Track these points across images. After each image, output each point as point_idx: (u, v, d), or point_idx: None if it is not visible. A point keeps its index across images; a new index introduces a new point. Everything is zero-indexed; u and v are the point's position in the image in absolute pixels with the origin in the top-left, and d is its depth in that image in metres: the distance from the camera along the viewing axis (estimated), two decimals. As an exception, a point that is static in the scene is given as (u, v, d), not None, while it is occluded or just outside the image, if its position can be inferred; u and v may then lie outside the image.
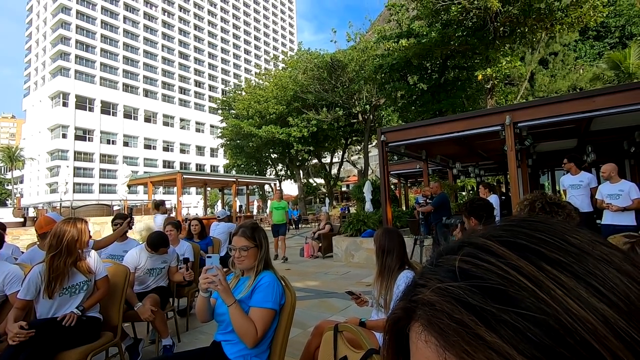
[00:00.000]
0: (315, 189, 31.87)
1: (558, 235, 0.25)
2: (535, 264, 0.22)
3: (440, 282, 0.24)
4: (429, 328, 0.24)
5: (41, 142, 51.84)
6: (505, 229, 0.26)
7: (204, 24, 70.74)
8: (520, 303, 0.21)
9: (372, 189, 10.53)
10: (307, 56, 20.82)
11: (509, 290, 0.22)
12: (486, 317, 0.21)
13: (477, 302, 0.22)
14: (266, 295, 1.65)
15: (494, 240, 0.25)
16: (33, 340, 1.95)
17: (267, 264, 1.80)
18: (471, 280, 0.23)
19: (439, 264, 0.26)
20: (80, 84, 51.98)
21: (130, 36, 59.11)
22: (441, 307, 0.23)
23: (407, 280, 1.90)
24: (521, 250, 0.24)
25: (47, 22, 54.30)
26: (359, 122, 21.18)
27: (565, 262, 0.23)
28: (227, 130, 26.93)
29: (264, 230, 1.92)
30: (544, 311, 0.20)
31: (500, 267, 0.23)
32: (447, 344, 0.22)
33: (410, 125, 7.10)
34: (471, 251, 0.25)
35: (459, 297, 0.22)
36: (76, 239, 2.32)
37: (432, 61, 13.63)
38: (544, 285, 0.21)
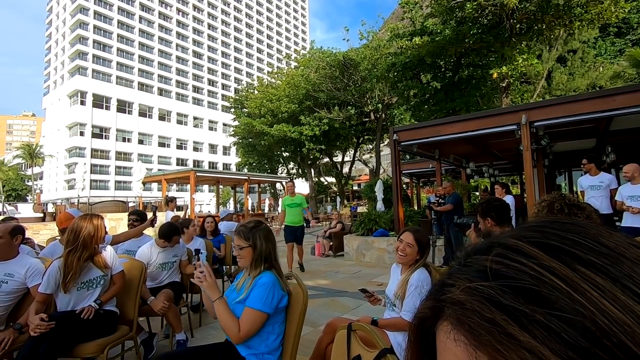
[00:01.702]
0: (327, 188, 31.87)
1: (591, 237, 0.24)
2: (569, 266, 0.22)
3: (470, 281, 0.24)
4: (458, 327, 0.24)
5: (60, 139, 53.26)
6: (536, 230, 0.26)
7: (218, 23, 71.38)
8: (554, 304, 0.21)
9: (384, 189, 10.46)
10: (319, 55, 20.81)
11: (543, 291, 0.21)
12: (519, 317, 0.21)
13: (509, 302, 0.22)
14: (256, 296, 1.63)
15: (524, 241, 0.25)
16: (53, 332, 2.02)
17: (271, 265, 1.76)
18: (502, 280, 0.23)
19: (467, 264, 0.26)
20: (98, 82, 53.15)
21: (145, 36, 60.10)
22: (471, 306, 0.23)
23: (420, 280, 1.89)
24: (554, 252, 0.23)
25: (66, 23, 55.64)
26: (371, 121, 21.07)
27: (600, 264, 0.22)
28: (240, 129, 27.15)
29: (270, 229, 1.88)
30: (579, 312, 0.20)
31: (533, 268, 0.23)
32: (478, 343, 0.22)
33: (423, 125, 7.03)
34: (502, 252, 0.25)
35: (490, 296, 0.22)
36: (92, 234, 2.39)
37: (446, 59, 13.45)
38: (578, 286, 0.21)
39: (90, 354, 2.19)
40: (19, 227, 2.64)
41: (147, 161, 53.44)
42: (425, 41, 11.32)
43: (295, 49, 60.60)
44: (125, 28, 57.74)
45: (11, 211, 14.77)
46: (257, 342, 1.66)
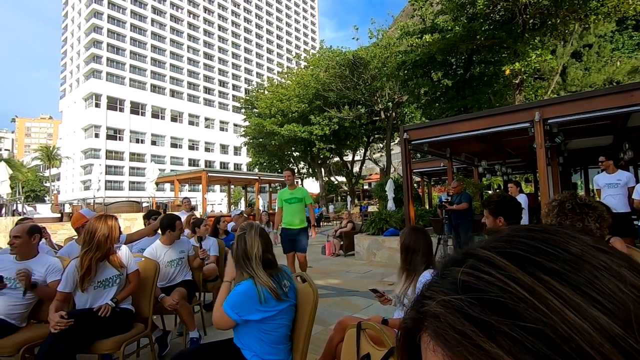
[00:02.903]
0: (337, 187, 31.85)
1: (557, 244, 0.25)
2: (534, 275, 0.23)
3: (445, 294, 0.25)
4: (435, 339, 0.25)
5: (76, 141, 54.54)
6: (505, 240, 0.27)
7: (228, 25, 71.97)
8: (519, 314, 0.22)
9: (395, 187, 10.41)
10: (328, 54, 20.81)
11: (508, 303, 0.22)
12: (486, 328, 0.22)
13: (477, 314, 0.23)
14: (229, 300, 1.68)
15: (494, 252, 0.26)
16: (72, 329, 2.09)
17: (250, 272, 1.72)
18: (472, 293, 0.24)
19: (444, 276, 0.27)
20: (111, 85, 54.21)
21: (157, 38, 61.01)
22: (445, 319, 0.24)
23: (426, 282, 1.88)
24: (520, 261, 0.24)
25: (81, 27, 56.89)
26: (381, 120, 20.97)
27: (563, 272, 0.23)
28: (250, 129, 27.34)
29: (248, 235, 1.82)
30: (542, 321, 0.21)
31: (500, 279, 0.24)
32: (452, 354, 0.23)
33: (434, 123, 6.97)
34: (473, 263, 0.26)
35: (461, 309, 0.23)
36: (107, 235, 2.46)
37: (457, 56, 13.29)
38: (541, 296, 0.22)
39: (107, 351, 2.25)
40: (36, 226, 2.73)
41: (160, 162, 54.29)
42: (436, 38, 11.21)
43: (305, 48, 60.74)
44: (137, 31, 58.72)
45: (30, 212, 15.19)
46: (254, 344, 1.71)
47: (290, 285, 1.83)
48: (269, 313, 1.68)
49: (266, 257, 1.80)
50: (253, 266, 1.73)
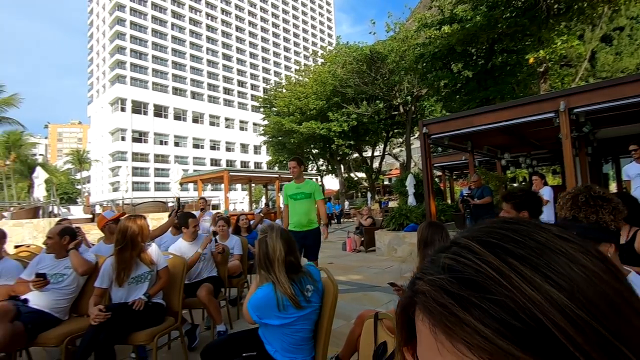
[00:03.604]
0: (357, 183, 31.75)
1: (525, 234, 0.30)
2: (502, 259, 0.28)
3: (431, 275, 0.30)
4: (423, 311, 0.30)
5: (104, 145, 56.81)
6: (483, 230, 0.32)
7: (245, 25, 72.75)
8: (487, 290, 0.27)
9: (415, 183, 10.31)
10: (345, 50, 20.71)
11: (480, 281, 0.28)
12: (461, 301, 0.27)
13: (454, 290, 0.28)
14: (252, 301, 1.73)
15: (472, 240, 0.31)
16: (110, 321, 2.24)
17: (269, 276, 1.74)
18: (452, 274, 0.29)
19: (433, 261, 0.32)
20: (136, 89, 56.02)
21: (177, 42, 62.48)
22: (430, 294, 0.29)
23: None
24: (493, 248, 0.29)
25: (106, 35, 59.00)
26: (401, 114, 20.71)
27: (526, 256, 0.28)
28: (269, 128, 27.64)
29: (270, 239, 1.80)
30: (505, 294, 0.26)
31: (475, 262, 0.29)
32: (435, 322, 0.29)
33: (454, 116, 6.85)
34: (455, 249, 0.31)
35: (443, 286, 0.29)
36: (137, 233, 2.62)
37: (478, 47, 12.93)
38: (506, 275, 0.27)
39: (141, 342, 2.40)
40: (67, 228, 2.91)
41: (183, 162, 55.75)
42: (455, 29, 10.95)
43: (322, 45, 60.64)
44: (158, 36, 60.33)
45: (64, 213, 16.01)
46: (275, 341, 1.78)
47: (314, 289, 1.81)
48: (287, 320, 1.69)
49: (289, 261, 1.76)
50: (275, 271, 1.71)
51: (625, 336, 0.26)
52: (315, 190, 4.04)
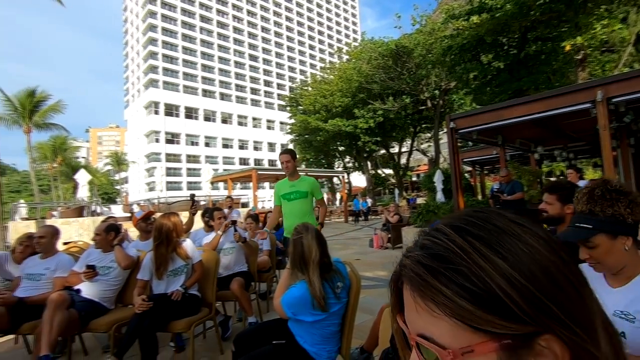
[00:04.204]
0: (384, 180, 31.43)
1: (485, 219, 0.37)
2: (464, 238, 0.35)
3: (412, 252, 0.38)
4: (405, 280, 0.38)
5: (140, 147, 59.65)
6: (455, 216, 0.39)
7: (270, 25, 73.64)
8: (451, 262, 0.34)
9: (444, 178, 10.11)
10: (370, 46, 20.53)
11: (446, 255, 0.35)
12: (431, 270, 0.35)
13: (427, 262, 0.35)
14: (286, 298, 1.80)
15: (445, 225, 0.38)
16: (152, 310, 2.44)
17: (303, 273, 1.79)
18: (427, 250, 0.37)
19: (415, 242, 0.40)
20: (168, 93, 58.31)
21: (206, 45, 64.31)
22: (409, 266, 0.37)
23: None
24: (459, 230, 0.36)
25: (139, 41, 61.74)
26: (428, 109, 20.29)
27: (483, 236, 0.35)
28: (296, 126, 27.92)
29: (305, 239, 1.84)
30: (464, 265, 0.34)
31: (444, 241, 0.36)
32: (413, 287, 0.36)
33: (482, 110, 6.67)
34: (431, 232, 0.39)
35: (418, 260, 0.36)
36: (172, 229, 2.81)
37: (509, 36, 12.42)
38: (466, 251, 0.34)
39: (180, 330, 2.59)
40: (112, 225, 3.16)
41: (213, 162, 57.45)
42: (485, 19, 10.59)
43: (347, 41, 60.29)
44: (188, 40, 62.35)
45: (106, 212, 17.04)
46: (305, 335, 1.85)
47: (342, 285, 1.86)
48: (320, 317, 1.77)
49: (323, 262, 1.81)
50: (309, 272, 1.76)
51: (558, 300, 0.33)
52: (313, 189, 3.47)
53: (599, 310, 0.37)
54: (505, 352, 0.33)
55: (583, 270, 0.37)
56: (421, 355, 0.36)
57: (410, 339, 0.38)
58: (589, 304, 0.35)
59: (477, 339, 0.33)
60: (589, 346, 0.33)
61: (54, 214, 13.92)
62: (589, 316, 0.35)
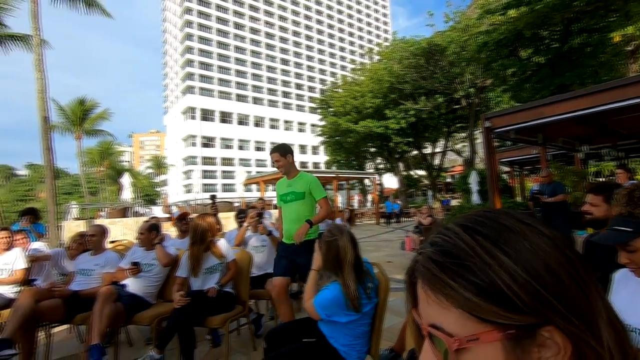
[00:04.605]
0: (417, 181, 30.78)
1: (493, 219, 0.40)
2: (472, 236, 0.38)
3: (424, 249, 0.41)
4: (418, 274, 0.41)
5: (178, 150, 62.49)
6: (465, 216, 0.42)
7: (301, 29, 74.57)
8: (459, 257, 0.37)
9: (479, 179, 9.75)
10: (401, 45, 20.23)
11: (454, 251, 0.38)
12: (440, 265, 0.38)
13: (436, 258, 0.38)
14: (319, 299, 1.81)
15: (456, 224, 0.41)
16: (190, 306, 2.58)
17: (337, 275, 1.80)
18: (437, 247, 0.39)
19: (428, 240, 0.43)
20: (203, 99, 60.69)
21: (239, 51, 66.29)
22: (421, 262, 0.40)
23: None
24: (467, 229, 0.39)
25: (177, 50, 64.79)
26: (463, 108, 19.66)
27: (489, 234, 0.38)
28: (326, 128, 28.04)
29: (341, 241, 1.84)
30: (470, 261, 0.36)
31: (453, 239, 0.39)
32: (424, 281, 0.39)
33: (520, 108, 6.37)
34: (443, 231, 0.41)
35: (429, 256, 0.39)
36: (207, 229, 2.95)
37: (551, 29, 11.77)
38: (473, 247, 0.37)
39: (215, 325, 2.70)
40: (154, 225, 3.36)
41: (247, 165, 58.98)
42: (523, 12, 10.12)
43: (378, 41, 59.81)
44: (222, 47, 64.56)
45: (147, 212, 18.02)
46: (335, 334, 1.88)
47: (373, 285, 1.88)
48: (354, 317, 1.78)
49: (357, 263, 1.83)
50: (344, 273, 1.77)
51: (559, 294, 0.35)
52: (311, 187, 2.97)
53: (605, 307, 0.37)
54: (510, 342, 0.35)
55: (621, 275, 0.38)
56: (433, 344, 0.38)
57: (422, 329, 0.40)
58: (592, 300, 0.36)
59: (482, 328, 0.35)
60: (590, 339, 0.35)
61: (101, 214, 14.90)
62: (592, 311, 0.36)
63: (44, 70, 10.36)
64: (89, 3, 12.32)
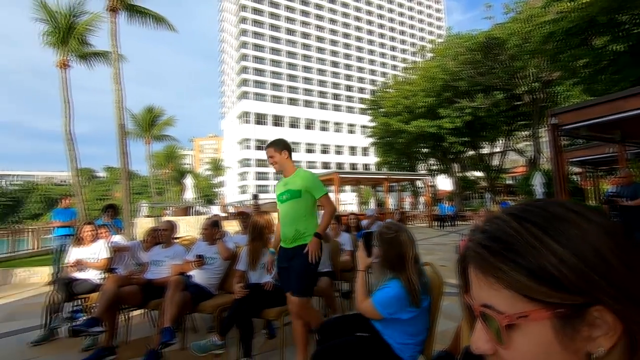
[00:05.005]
0: (473, 183, 29.18)
1: (542, 207, 0.42)
2: (519, 223, 0.40)
3: (474, 235, 0.44)
4: (469, 259, 0.44)
5: (234, 153, 65.95)
6: (515, 207, 0.44)
7: (351, 30, 74.62)
8: (507, 243, 0.39)
9: (545, 181, 9.03)
10: (456, 41, 19.39)
11: (503, 237, 0.40)
12: (490, 249, 0.40)
13: (486, 243, 0.41)
14: (380, 297, 1.80)
15: (506, 213, 0.43)
16: (249, 297, 2.76)
17: (399, 272, 1.80)
18: (487, 234, 0.42)
19: (478, 228, 0.46)
20: (257, 103, 63.38)
21: (290, 56, 68.17)
22: (472, 248, 0.43)
23: None
24: (515, 217, 0.41)
25: (233, 57, 68.42)
26: (525, 104, 18.30)
27: (537, 221, 0.40)
28: (377, 129, 27.73)
29: (400, 236, 1.85)
30: (519, 245, 0.38)
31: (502, 226, 0.41)
32: (475, 265, 0.42)
33: (593, 102, 5.80)
34: (493, 219, 0.44)
35: (479, 241, 0.42)
36: (264, 226, 3.12)
37: (631, 12, 10.53)
38: (521, 233, 0.39)
39: (271, 318, 2.86)
40: (216, 221, 3.63)
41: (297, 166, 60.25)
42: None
43: (431, 38, 57.73)
44: (275, 53, 66.88)
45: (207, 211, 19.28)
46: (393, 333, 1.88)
47: (426, 280, 1.89)
48: (415, 313, 1.79)
49: (417, 258, 1.85)
50: (407, 269, 1.79)
51: (607, 276, 0.36)
52: (309, 185, 2.71)
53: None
54: (559, 320, 0.36)
55: None
56: (485, 323, 0.41)
57: (474, 310, 0.43)
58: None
59: (532, 307, 0.37)
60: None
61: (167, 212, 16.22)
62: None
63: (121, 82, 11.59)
64: (158, 19, 13.56)
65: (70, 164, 12.90)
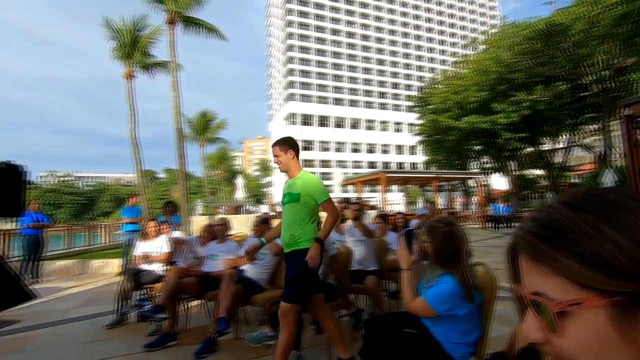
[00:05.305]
0: (532, 182, 27.11)
1: (598, 195, 0.41)
2: (573, 211, 0.39)
3: (525, 225, 0.43)
4: (520, 248, 0.43)
5: (281, 154, 67.69)
6: (567, 194, 0.43)
7: (397, 27, 73.09)
8: (560, 230, 0.38)
9: (617, 179, 8.16)
10: (512, 30, 18.17)
11: (554, 225, 0.39)
12: (542, 237, 0.39)
13: (537, 231, 0.40)
14: (433, 294, 1.76)
15: (558, 200, 0.43)
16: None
17: (452, 267, 1.78)
18: (538, 222, 0.41)
19: (529, 217, 0.45)
20: (303, 104, 64.48)
21: (335, 56, 68.44)
22: (521, 236, 0.42)
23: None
24: (567, 205, 0.41)
25: (280, 61, 70.28)
26: (593, 95, 16.63)
27: (592, 209, 0.39)
28: (425, 127, 26.88)
29: (454, 230, 1.84)
30: (574, 233, 0.37)
31: (553, 213, 0.41)
32: (526, 253, 0.41)
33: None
34: (544, 207, 0.43)
35: (530, 230, 0.41)
36: None
37: None
38: (575, 220, 0.38)
39: (319, 313, 2.91)
40: (265, 218, 3.79)
41: (343, 166, 60.32)
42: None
43: (483, 29, 54.63)
44: (320, 54, 67.58)
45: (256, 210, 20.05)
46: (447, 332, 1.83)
47: (476, 278, 1.85)
48: (470, 308, 1.76)
49: (470, 253, 1.83)
50: (464, 263, 1.77)
51: None
52: (309, 189, 2.61)
53: None
54: (616, 308, 0.35)
55: None
56: (536, 311, 0.41)
57: (525, 298, 0.42)
58: None
59: (585, 294, 0.36)
60: None
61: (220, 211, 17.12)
62: None
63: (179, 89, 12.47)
64: (210, 29, 14.38)
65: (135, 166, 14.16)
